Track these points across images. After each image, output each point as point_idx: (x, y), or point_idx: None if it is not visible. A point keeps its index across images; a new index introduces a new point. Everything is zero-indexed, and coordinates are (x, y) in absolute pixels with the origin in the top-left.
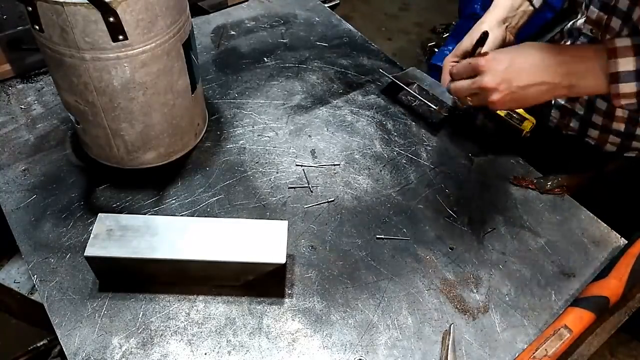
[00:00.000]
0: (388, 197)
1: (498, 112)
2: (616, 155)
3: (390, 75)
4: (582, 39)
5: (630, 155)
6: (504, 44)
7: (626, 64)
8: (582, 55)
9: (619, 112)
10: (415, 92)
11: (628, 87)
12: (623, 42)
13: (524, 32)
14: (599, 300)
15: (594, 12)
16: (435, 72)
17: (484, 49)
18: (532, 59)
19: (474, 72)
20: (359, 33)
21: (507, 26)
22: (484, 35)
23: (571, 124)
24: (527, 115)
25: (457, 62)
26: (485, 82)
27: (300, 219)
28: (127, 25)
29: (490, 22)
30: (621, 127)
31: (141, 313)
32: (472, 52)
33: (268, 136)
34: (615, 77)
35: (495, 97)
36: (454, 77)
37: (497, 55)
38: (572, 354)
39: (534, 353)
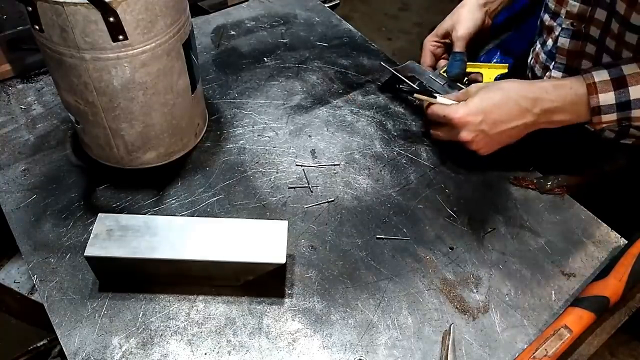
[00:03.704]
0: (388, 197)
1: None
2: (613, 142)
3: (391, 68)
4: (563, 34)
5: (626, 143)
6: (482, 27)
7: (606, 99)
8: (561, 89)
9: None
10: (415, 86)
11: (609, 117)
12: (600, 75)
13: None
14: (599, 300)
15: (575, 5)
16: (435, 71)
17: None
18: (506, 106)
19: (451, 126)
20: (359, 33)
21: (487, 10)
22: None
23: None
24: None
25: (437, 42)
26: (463, 137)
27: (300, 219)
28: (127, 25)
29: (471, 5)
30: None
31: (141, 313)
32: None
33: (268, 136)
34: (596, 111)
35: (475, 147)
36: (430, 118)
37: (471, 109)
38: (572, 354)
39: (534, 353)
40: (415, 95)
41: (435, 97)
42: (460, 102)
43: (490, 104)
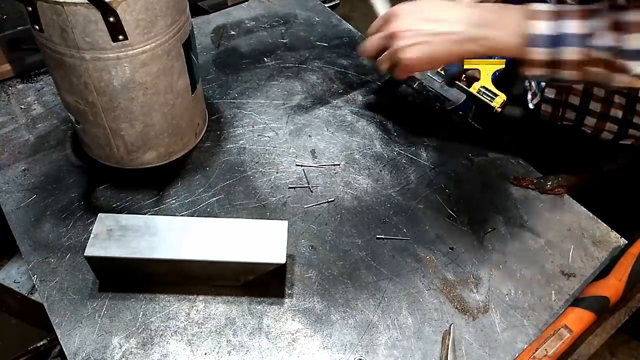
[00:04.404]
0: (388, 197)
1: (471, 89)
2: (612, 143)
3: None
4: None
5: (625, 143)
6: None
7: (540, 28)
8: (500, 9)
9: (617, 99)
10: (415, 88)
11: (539, 54)
12: (546, 6)
13: None
14: (599, 300)
15: (573, 4)
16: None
17: None
18: (446, 7)
19: (386, 22)
20: (359, 33)
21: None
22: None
23: (566, 115)
24: (497, 92)
25: None
26: (394, 27)
27: (300, 219)
28: (127, 25)
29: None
30: (619, 114)
31: (141, 313)
32: None
33: (268, 136)
34: (527, 40)
35: (401, 43)
36: (370, 31)
37: (410, 4)
38: (572, 354)
39: (534, 353)
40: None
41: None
42: None
43: (432, 3)
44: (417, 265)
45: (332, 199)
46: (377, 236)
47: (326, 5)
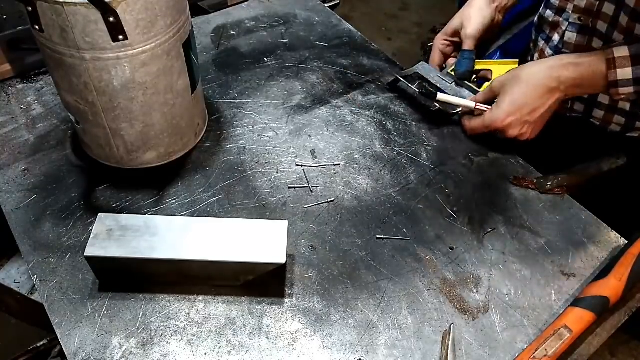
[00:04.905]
0: (388, 197)
1: (481, 89)
2: (619, 136)
3: (399, 74)
4: (570, 28)
5: (632, 136)
6: (492, 24)
7: (624, 74)
8: (578, 70)
9: None
10: (416, 92)
11: (627, 90)
12: (620, 51)
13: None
14: (599, 300)
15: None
16: (443, 70)
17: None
18: (536, 93)
19: (491, 130)
20: (359, 33)
21: (496, 6)
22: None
23: (575, 107)
24: None
25: (446, 41)
26: (511, 135)
27: (300, 219)
28: (127, 25)
29: (481, 2)
30: (626, 106)
31: (141, 313)
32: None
33: (268, 136)
34: (614, 84)
35: (523, 137)
36: (471, 133)
37: (507, 110)
38: (572, 354)
39: (534, 353)
40: (440, 97)
41: (455, 96)
42: (492, 106)
43: (522, 98)
44: (417, 265)
45: (332, 199)
46: (377, 236)
47: (326, 5)
